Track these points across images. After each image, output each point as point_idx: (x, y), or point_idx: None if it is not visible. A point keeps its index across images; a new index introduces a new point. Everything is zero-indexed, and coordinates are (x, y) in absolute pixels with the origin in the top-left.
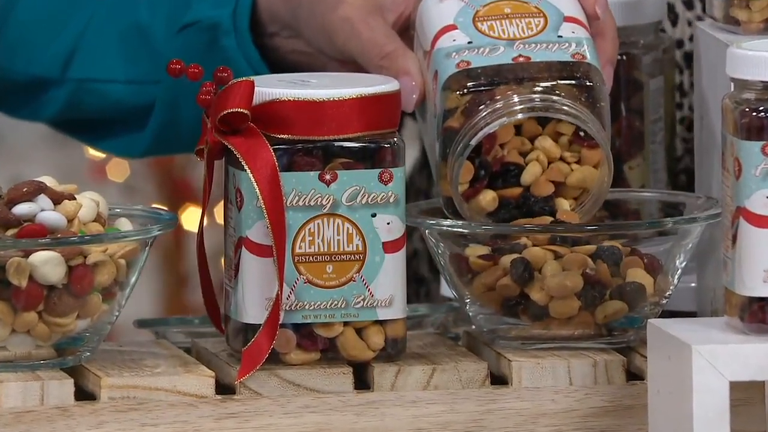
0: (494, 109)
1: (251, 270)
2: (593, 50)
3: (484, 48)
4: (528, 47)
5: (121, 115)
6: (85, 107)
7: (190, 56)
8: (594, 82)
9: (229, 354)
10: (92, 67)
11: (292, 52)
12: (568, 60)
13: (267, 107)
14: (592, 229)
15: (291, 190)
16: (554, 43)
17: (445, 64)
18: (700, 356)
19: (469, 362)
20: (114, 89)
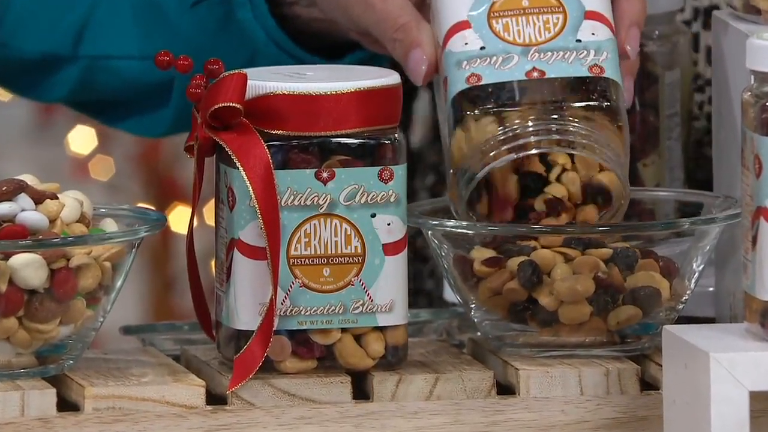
0: (505, 139)
1: (244, 273)
2: (614, 56)
3: (497, 57)
4: (543, 56)
5: (136, 94)
6: (98, 86)
7: (205, 31)
8: (612, 101)
9: (221, 362)
10: (105, 43)
11: (314, 20)
12: (585, 76)
13: (260, 101)
14: (603, 230)
15: (286, 188)
16: (572, 51)
17: (455, 75)
18: (718, 365)
19: (474, 371)
20: (128, 66)
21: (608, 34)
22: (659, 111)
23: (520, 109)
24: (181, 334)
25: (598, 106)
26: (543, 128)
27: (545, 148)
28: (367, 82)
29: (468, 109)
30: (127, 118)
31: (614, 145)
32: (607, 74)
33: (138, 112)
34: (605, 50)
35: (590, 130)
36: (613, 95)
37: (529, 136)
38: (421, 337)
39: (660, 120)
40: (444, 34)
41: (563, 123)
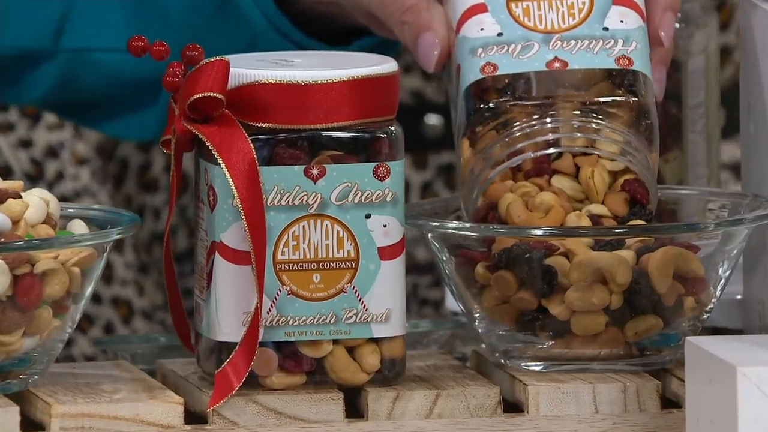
0: (522, 135)
1: (226, 280)
2: (643, 45)
3: (515, 45)
4: (566, 45)
5: (122, 91)
6: (81, 84)
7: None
8: (640, 96)
9: (201, 377)
10: (88, 34)
11: (318, 3)
12: (611, 68)
13: (244, 91)
14: (620, 231)
15: (272, 187)
16: (597, 40)
17: (469, 63)
18: (746, 380)
19: (479, 387)
20: (113, 60)
21: (638, 22)
22: (682, 102)
23: (539, 103)
24: (157, 347)
25: (624, 101)
26: (563, 125)
27: (565, 148)
28: (362, 70)
29: (482, 103)
30: (111, 120)
31: (642, 147)
32: (635, 66)
33: (124, 113)
34: (634, 39)
35: (617, 129)
36: (641, 90)
37: (548, 134)
38: (420, 350)
39: (683, 112)
40: (458, 17)
41: (586, 120)
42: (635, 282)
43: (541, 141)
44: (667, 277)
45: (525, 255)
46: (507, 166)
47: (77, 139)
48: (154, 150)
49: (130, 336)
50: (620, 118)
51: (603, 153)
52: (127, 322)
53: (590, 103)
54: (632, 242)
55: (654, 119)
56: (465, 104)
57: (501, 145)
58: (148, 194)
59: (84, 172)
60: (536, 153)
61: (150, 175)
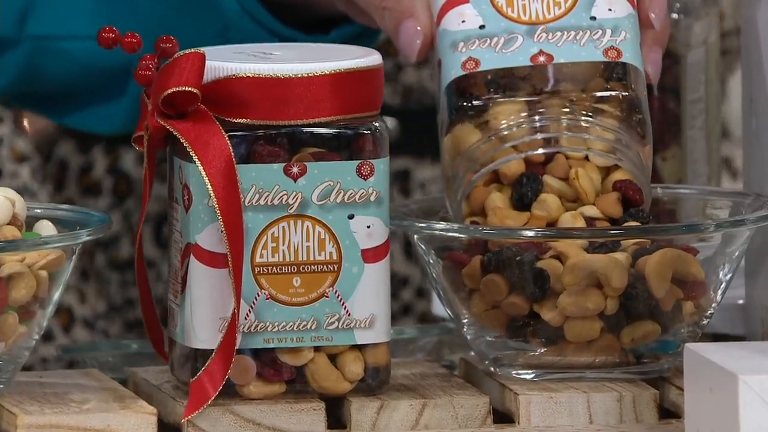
0: (509, 134)
1: (201, 283)
2: (633, 35)
3: (498, 38)
4: (551, 38)
5: (89, 81)
6: (45, 73)
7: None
8: (630, 90)
9: (175, 386)
10: (54, 21)
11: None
12: (599, 61)
13: (221, 85)
14: (616, 233)
15: (250, 186)
16: (585, 31)
17: (450, 58)
18: (748, 389)
19: (467, 396)
20: (80, 48)
21: (628, 9)
22: (681, 96)
23: (524, 100)
24: (129, 354)
25: (614, 96)
26: (552, 124)
27: (554, 148)
28: (344, 63)
29: (464, 101)
30: (77, 111)
31: (634, 143)
32: (624, 58)
33: (90, 104)
34: (623, 29)
35: (607, 126)
36: (632, 83)
37: (535, 133)
38: (405, 357)
39: (682, 107)
40: (438, 9)
41: (575, 117)
42: (631, 286)
43: (529, 141)
44: (665, 280)
45: (516, 257)
46: (492, 168)
47: (17, 134)
48: (95, 150)
49: (99, 343)
50: (610, 114)
51: (593, 153)
52: (68, 330)
53: (579, 99)
54: (628, 244)
55: (646, 113)
56: (447, 101)
57: (486, 144)
58: (90, 198)
59: (24, 170)
60: (523, 154)
61: (91, 178)
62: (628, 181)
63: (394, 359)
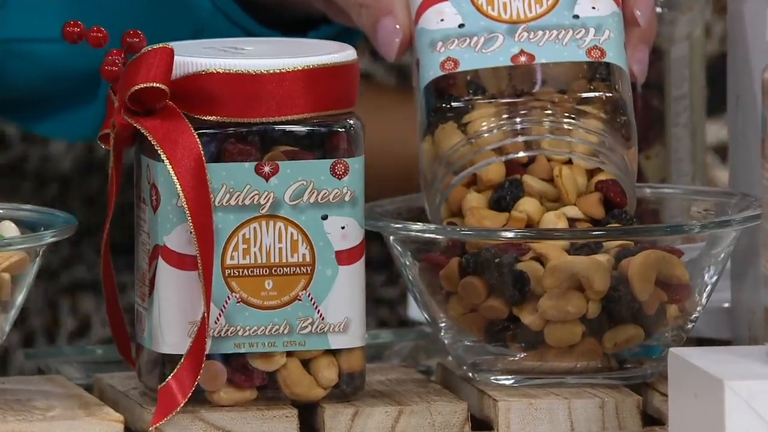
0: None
1: (170, 286)
2: (617, 34)
3: (478, 37)
4: (533, 37)
5: (59, 86)
6: (13, 78)
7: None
8: (614, 91)
9: (142, 392)
10: (20, 23)
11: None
12: (582, 61)
13: (190, 81)
14: (598, 234)
15: (220, 185)
16: (567, 30)
17: (429, 58)
18: (734, 394)
19: (445, 402)
20: (49, 51)
21: (612, 7)
22: (664, 93)
23: (505, 101)
24: (94, 359)
25: (598, 98)
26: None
27: (536, 152)
28: (317, 58)
29: (443, 102)
30: (47, 118)
31: (618, 145)
32: (608, 58)
33: (61, 110)
34: (607, 28)
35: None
36: (615, 83)
37: (516, 136)
38: (381, 363)
39: (665, 104)
40: (416, 7)
41: (557, 120)
42: (614, 289)
43: (510, 144)
44: (649, 283)
45: (495, 259)
46: (472, 171)
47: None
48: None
49: (64, 347)
50: (594, 116)
51: (576, 156)
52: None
53: (561, 101)
54: (611, 246)
55: (630, 114)
56: (425, 102)
57: (465, 147)
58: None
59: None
60: (503, 157)
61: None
62: (611, 181)
63: (369, 364)
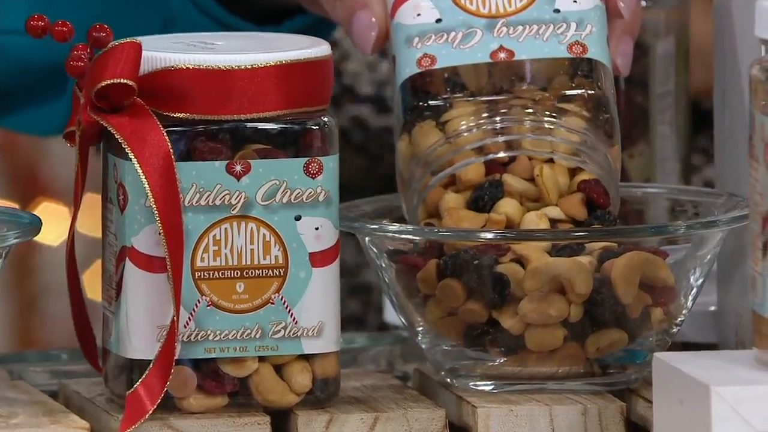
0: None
1: (138, 289)
2: (600, 28)
3: (456, 33)
4: (512, 32)
5: (25, 80)
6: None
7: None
8: (597, 88)
9: (109, 399)
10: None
11: None
12: (563, 57)
13: (158, 77)
14: (580, 235)
15: (190, 185)
16: (548, 25)
17: (405, 55)
18: (721, 400)
19: (422, 409)
20: (15, 43)
21: (594, 1)
22: (649, 89)
23: (484, 99)
24: (59, 365)
25: (579, 95)
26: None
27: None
28: (290, 53)
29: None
30: (13, 113)
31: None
32: (590, 54)
33: (27, 104)
34: (589, 22)
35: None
36: (598, 80)
37: (497, 135)
38: (356, 368)
39: (650, 100)
40: (392, 0)
41: (538, 119)
42: (597, 291)
43: (490, 143)
44: (633, 286)
45: (474, 261)
46: (451, 172)
47: None
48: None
49: (28, 353)
50: (575, 114)
51: (557, 156)
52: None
53: (542, 99)
54: (594, 247)
55: (613, 111)
56: (402, 100)
57: (444, 147)
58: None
59: None
60: (483, 157)
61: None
62: (593, 181)
63: (343, 370)
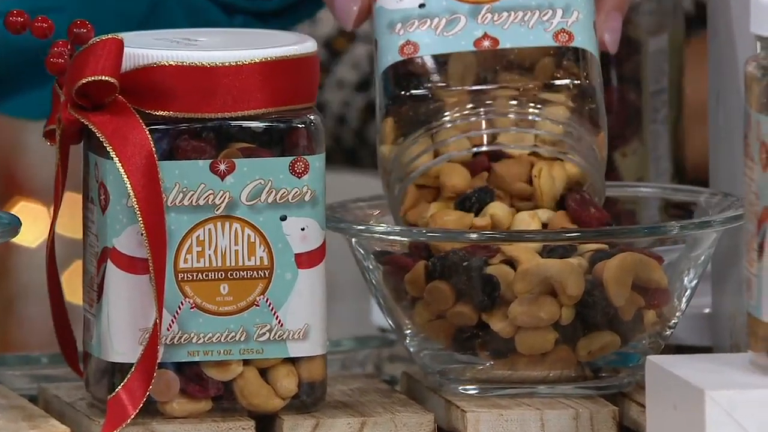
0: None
1: (120, 291)
2: (587, 14)
3: (440, 19)
4: (497, 19)
5: (13, 64)
6: None
7: None
8: (582, 79)
9: (90, 403)
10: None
11: None
12: (549, 46)
13: (141, 74)
14: (572, 236)
15: (173, 184)
16: (533, 11)
17: (387, 41)
18: (715, 405)
19: (410, 413)
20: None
21: None
22: (642, 87)
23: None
24: (38, 369)
25: (564, 85)
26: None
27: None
28: (275, 50)
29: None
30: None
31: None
32: (576, 42)
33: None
34: (576, 8)
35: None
36: (584, 70)
37: (479, 128)
38: (343, 372)
39: (643, 98)
40: None
41: (522, 111)
42: (588, 294)
43: (475, 136)
44: (625, 287)
45: (463, 263)
46: (432, 165)
47: None
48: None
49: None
50: (560, 104)
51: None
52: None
53: (526, 89)
54: (585, 248)
55: (600, 101)
56: (383, 88)
57: (425, 138)
58: None
59: None
60: (464, 151)
61: None
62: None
63: (330, 374)
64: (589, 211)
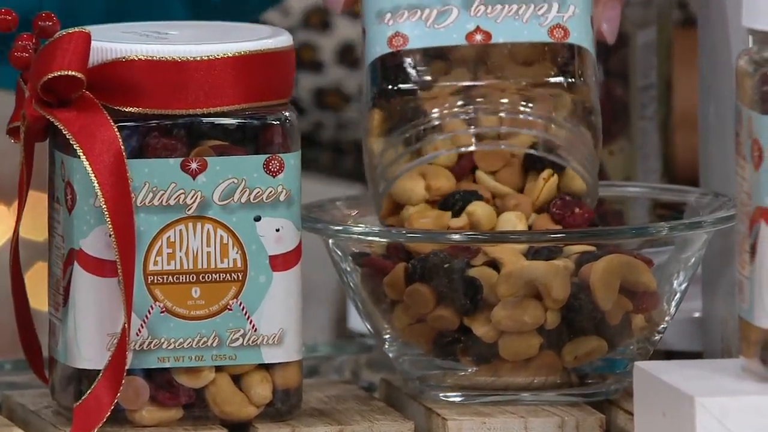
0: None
1: (87, 295)
2: (584, 10)
3: (431, 10)
4: (490, 11)
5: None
6: None
7: None
8: (577, 76)
9: (56, 411)
10: None
11: None
12: (543, 41)
13: (109, 69)
14: (557, 237)
15: (143, 183)
16: (528, 5)
17: (375, 31)
18: (705, 412)
19: (389, 421)
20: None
21: None
22: (629, 82)
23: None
24: (2, 376)
25: (558, 83)
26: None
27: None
28: (249, 44)
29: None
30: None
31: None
32: (571, 39)
33: None
34: (572, 3)
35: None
36: (578, 68)
37: (469, 126)
38: (319, 378)
39: (630, 94)
40: None
41: (514, 110)
42: (574, 297)
43: (462, 135)
44: (612, 290)
45: (444, 265)
46: (419, 163)
47: None
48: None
49: None
50: (554, 103)
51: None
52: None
53: (519, 87)
54: (571, 250)
55: (595, 100)
56: (371, 80)
57: (412, 135)
58: None
59: None
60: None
61: None
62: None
63: (306, 380)
64: (573, 213)
